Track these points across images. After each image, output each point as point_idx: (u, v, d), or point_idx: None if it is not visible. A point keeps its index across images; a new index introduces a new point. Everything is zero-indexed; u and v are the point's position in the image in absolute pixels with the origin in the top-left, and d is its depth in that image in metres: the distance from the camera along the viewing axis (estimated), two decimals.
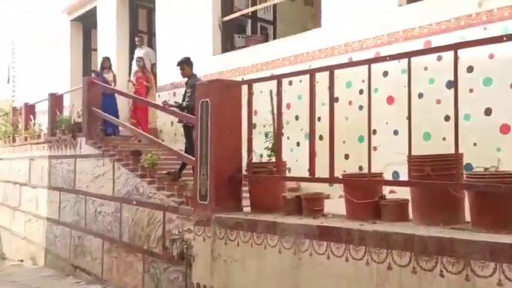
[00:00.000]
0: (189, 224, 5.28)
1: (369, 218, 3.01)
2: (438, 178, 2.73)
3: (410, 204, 3.00)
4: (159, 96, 9.10)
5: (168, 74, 8.93)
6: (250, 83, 3.80)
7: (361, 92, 5.93)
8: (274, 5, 8.72)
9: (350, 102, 5.96)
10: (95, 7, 11.37)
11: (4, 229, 12.38)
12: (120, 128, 8.82)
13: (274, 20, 8.79)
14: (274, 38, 8.60)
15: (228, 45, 8.10)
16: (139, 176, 6.46)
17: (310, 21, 8.93)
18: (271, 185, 3.67)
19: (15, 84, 15.91)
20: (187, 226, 5.31)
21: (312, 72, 3.42)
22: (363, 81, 5.85)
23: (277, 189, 3.62)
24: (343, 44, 6.22)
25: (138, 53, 9.36)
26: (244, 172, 3.90)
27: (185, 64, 6.27)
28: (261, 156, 3.94)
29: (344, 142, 5.69)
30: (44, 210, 9.72)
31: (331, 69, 3.24)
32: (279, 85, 3.50)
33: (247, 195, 3.93)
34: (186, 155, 5.93)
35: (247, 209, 3.84)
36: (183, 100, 6.10)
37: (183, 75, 6.36)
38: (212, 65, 7.79)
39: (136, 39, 9.62)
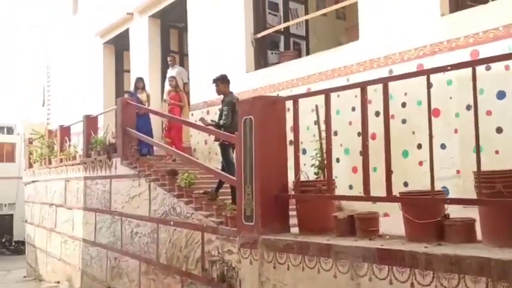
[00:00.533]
0: (229, 245, 5.13)
1: (432, 240, 2.79)
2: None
3: (477, 223, 2.77)
4: (192, 114, 9.07)
5: (200, 92, 8.91)
6: (296, 98, 3.66)
7: (403, 105, 5.72)
8: (307, 20, 8.62)
9: (392, 116, 5.73)
10: (127, 29, 11.54)
11: (41, 251, 12.50)
12: (155, 147, 8.81)
13: (306, 35, 8.67)
14: (307, 53, 8.48)
15: (261, 61, 8.01)
16: (176, 196, 6.36)
17: (343, 35, 8.78)
18: (320, 204, 3.49)
19: (50, 107, 16.26)
20: (228, 247, 5.15)
21: (363, 86, 3.26)
22: (405, 94, 5.68)
23: (327, 209, 3.44)
24: (382, 57, 6.04)
25: (171, 72, 9.39)
26: (290, 191, 3.73)
27: (220, 81, 6.19)
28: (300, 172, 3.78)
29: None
30: (80, 231, 9.74)
31: (385, 81, 3.07)
32: (328, 100, 3.35)
33: (291, 214, 3.76)
34: (224, 173, 5.80)
35: (294, 230, 3.66)
36: (220, 118, 6.00)
37: (218, 93, 6.27)
38: (246, 82, 7.71)
39: (168, 58, 9.67)
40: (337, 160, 6.28)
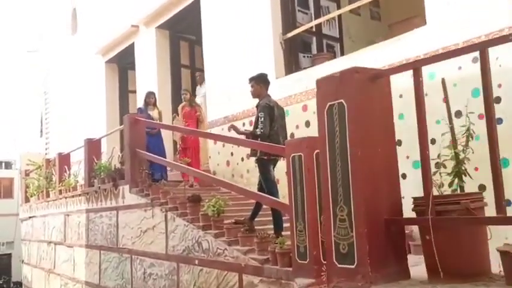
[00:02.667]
0: None
1: None
2: None
3: None
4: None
5: (220, 107, 7.74)
6: (417, 66, 2.43)
7: (497, 100, 4.52)
8: (340, 21, 7.57)
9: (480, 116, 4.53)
10: (132, 44, 10.47)
11: None
12: (169, 172, 7.59)
13: (340, 36, 7.59)
14: (342, 54, 7.37)
15: (292, 65, 6.88)
16: (201, 227, 5.10)
17: (380, 36, 7.69)
18: (467, 232, 2.24)
19: (48, 137, 15.09)
20: None
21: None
22: (499, 85, 4.50)
23: (478, 239, 2.19)
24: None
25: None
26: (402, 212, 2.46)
27: (256, 81, 5.01)
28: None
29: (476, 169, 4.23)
30: (82, 272, 8.42)
31: None
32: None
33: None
34: (269, 196, 4.57)
35: (416, 274, 2.39)
36: (255, 127, 4.80)
37: (253, 95, 5.08)
38: (276, 89, 6.53)
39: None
40: (403, 176, 5.04)
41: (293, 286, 3.63)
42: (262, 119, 4.75)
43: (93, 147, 8.61)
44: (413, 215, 2.43)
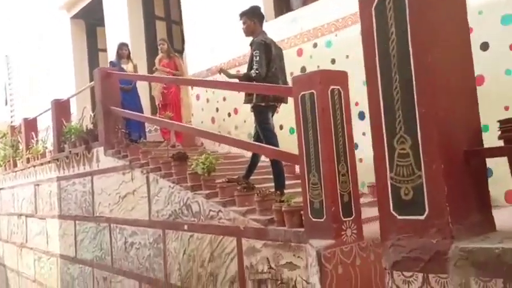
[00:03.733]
0: (290, 255, 3.28)
1: None
2: None
3: None
4: (192, 88, 7.14)
5: (202, 59, 6.99)
6: None
7: None
8: None
9: None
10: None
11: (11, 271, 10.41)
12: (148, 133, 6.89)
13: None
14: None
15: (282, 6, 6.15)
16: (190, 188, 4.46)
17: None
18: None
19: (13, 103, 14.02)
20: (287, 258, 3.30)
21: None
22: None
23: None
24: None
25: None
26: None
27: (247, 16, 4.30)
28: None
29: None
30: (56, 245, 7.75)
31: None
32: None
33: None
34: (268, 145, 3.95)
35: (503, 225, 1.79)
36: (249, 69, 4.12)
37: (246, 33, 4.37)
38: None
39: (159, 42, 7.24)
40: None
41: (306, 249, 3.06)
42: (258, 58, 4.06)
43: (61, 108, 7.78)
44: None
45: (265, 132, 4.11)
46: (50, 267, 8.13)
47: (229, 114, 6.59)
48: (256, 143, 4.16)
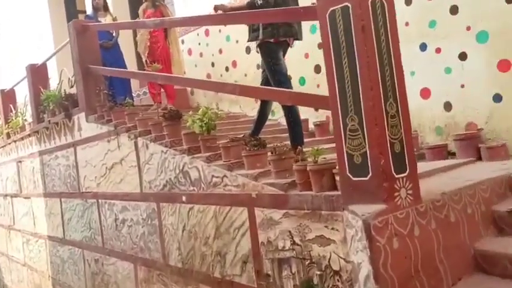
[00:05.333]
0: (321, 226, 2.54)
1: None
2: None
3: None
4: (183, 42, 6.26)
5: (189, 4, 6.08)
6: None
7: None
8: None
9: None
10: None
11: (1, 254, 9.75)
12: (136, 97, 6.07)
13: None
14: None
15: None
16: (186, 151, 3.68)
17: None
18: None
19: None
20: (316, 231, 2.56)
21: None
22: None
23: None
24: None
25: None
26: None
27: None
28: None
29: None
30: (44, 226, 7.04)
31: None
32: None
33: None
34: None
35: None
36: None
37: None
38: None
39: None
40: None
41: (345, 218, 2.30)
42: None
43: (37, 74, 6.93)
44: None
45: (276, 75, 3.30)
46: (39, 250, 7.45)
47: (226, 69, 5.75)
48: (267, 87, 3.35)
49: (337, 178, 2.42)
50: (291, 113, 3.28)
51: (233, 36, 5.81)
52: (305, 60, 5.04)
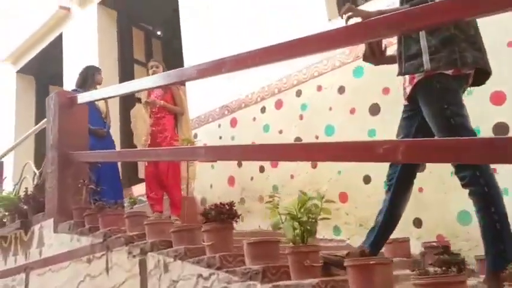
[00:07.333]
0: None
1: None
2: None
3: None
4: (195, 136, 4.81)
5: (213, 94, 4.79)
6: None
7: None
8: None
9: None
10: (60, 35, 7.26)
11: None
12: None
13: None
14: None
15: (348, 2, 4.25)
16: (260, 275, 1.99)
17: None
18: None
19: None
20: None
21: None
22: None
23: None
24: None
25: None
26: None
27: None
28: None
29: None
30: None
31: None
32: None
33: None
34: None
35: None
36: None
37: None
38: None
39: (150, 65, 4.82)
40: None
41: None
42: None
43: None
44: None
45: (456, 133, 1.82)
46: None
47: (261, 169, 4.22)
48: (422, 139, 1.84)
49: None
50: (490, 205, 1.76)
51: (274, 126, 4.29)
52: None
